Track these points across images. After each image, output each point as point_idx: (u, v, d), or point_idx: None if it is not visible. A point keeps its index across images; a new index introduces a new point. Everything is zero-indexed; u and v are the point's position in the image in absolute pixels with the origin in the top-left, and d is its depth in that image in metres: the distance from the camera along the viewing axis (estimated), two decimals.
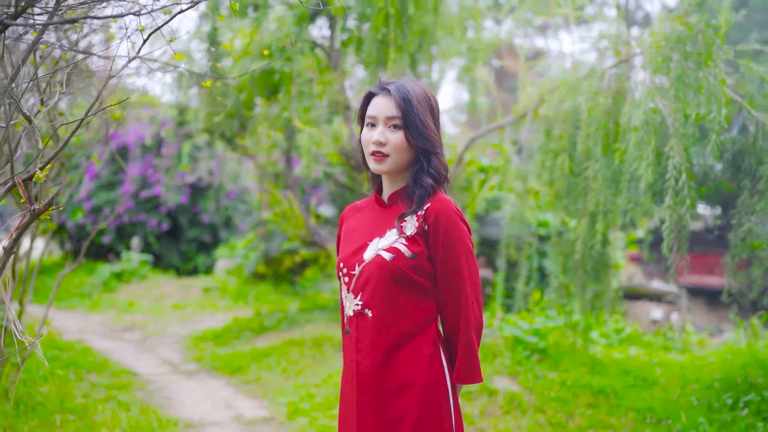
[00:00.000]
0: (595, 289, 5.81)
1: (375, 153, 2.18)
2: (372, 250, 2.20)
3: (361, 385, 2.19)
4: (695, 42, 4.25)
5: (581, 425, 4.57)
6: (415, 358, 2.17)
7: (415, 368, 2.16)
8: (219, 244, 14.93)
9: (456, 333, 2.21)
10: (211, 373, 6.91)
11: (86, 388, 5.72)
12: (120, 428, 4.74)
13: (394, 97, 2.16)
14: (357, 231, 2.32)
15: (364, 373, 2.19)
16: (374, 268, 2.17)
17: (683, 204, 4.20)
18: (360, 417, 2.18)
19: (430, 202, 2.19)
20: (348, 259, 2.27)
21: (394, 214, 2.25)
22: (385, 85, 2.22)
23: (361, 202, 2.45)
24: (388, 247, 2.17)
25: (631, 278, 13.54)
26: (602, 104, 4.97)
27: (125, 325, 9.70)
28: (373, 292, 2.16)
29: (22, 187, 2.10)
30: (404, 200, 2.26)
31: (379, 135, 2.17)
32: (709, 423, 4.53)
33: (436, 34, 6.69)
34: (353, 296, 2.22)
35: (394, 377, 2.16)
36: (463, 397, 5.00)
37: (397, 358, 2.17)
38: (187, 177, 13.68)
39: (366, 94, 2.26)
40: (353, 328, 2.23)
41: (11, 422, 4.38)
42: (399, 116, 2.16)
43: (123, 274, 12.63)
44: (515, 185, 6.48)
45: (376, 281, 2.16)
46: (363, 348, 2.20)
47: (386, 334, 2.16)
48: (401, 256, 2.15)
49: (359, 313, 2.21)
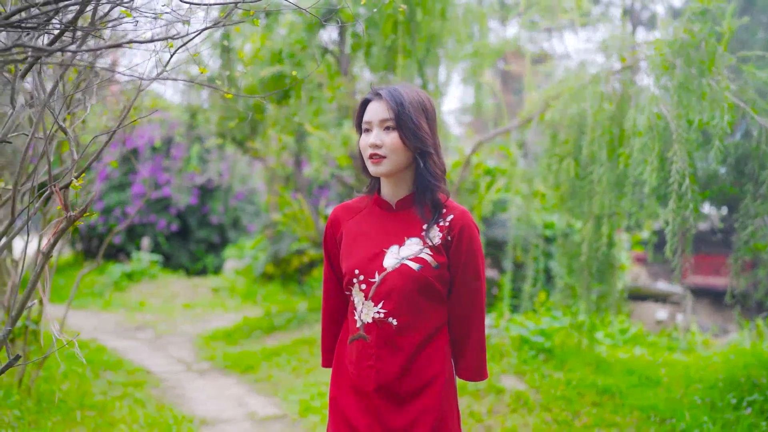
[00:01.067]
0: (600, 290, 5.91)
1: (372, 156, 2.21)
2: (393, 259, 2.21)
3: (382, 391, 2.21)
4: (698, 49, 4.36)
5: (586, 423, 4.68)
6: (434, 359, 2.23)
7: (434, 369, 2.22)
8: (227, 245, 15.10)
9: (469, 334, 2.29)
10: (223, 372, 7.05)
11: (103, 385, 5.87)
12: (138, 424, 4.87)
13: (386, 101, 2.20)
14: (366, 236, 2.30)
15: (386, 380, 2.20)
16: (400, 277, 2.18)
17: (687, 207, 4.30)
18: (381, 420, 2.21)
19: (451, 213, 2.25)
20: (365, 266, 2.24)
21: (407, 221, 2.28)
22: (377, 90, 2.25)
23: (354, 203, 2.43)
24: (414, 257, 2.20)
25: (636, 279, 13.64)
26: (607, 109, 5.08)
27: (137, 324, 9.85)
28: (400, 301, 2.18)
29: (59, 194, 2.23)
30: (415, 206, 2.28)
31: (374, 138, 2.20)
32: (713, 422, 4.62)
33: (443, 39, 6.81)
34: (373, 304, 2.22)
35: (414, 379, 2.21)
36: (471, 396, 5.12)
37: (417, 362, 2.21)
38: (197, 178, 13.84)
39: (361, 102, 2.29)
40: (372, 335, 2.22)
41: (34, 417, 4.52)
42: (392, 118, 2.19)
43: (133, 274, 12.80)
44: (521, 188, 6.59)
45: (403, 291, 2.18)
46: (384, 355, 2.21)
47: (409, 341, 2.20)
48: (428, 266, 2.19)
49: (381, 321, 2.21)
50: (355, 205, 2.41)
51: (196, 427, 5.04)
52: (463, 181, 7.29)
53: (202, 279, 13.77)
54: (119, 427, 4.77)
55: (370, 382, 2.22)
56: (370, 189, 2.38)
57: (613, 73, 5.40)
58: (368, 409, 2.23)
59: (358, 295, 2.26)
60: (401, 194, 2.30)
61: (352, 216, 2.38)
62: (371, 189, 2.38)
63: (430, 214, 2.25)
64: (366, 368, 2.23)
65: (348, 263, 2.28)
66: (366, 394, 2.23)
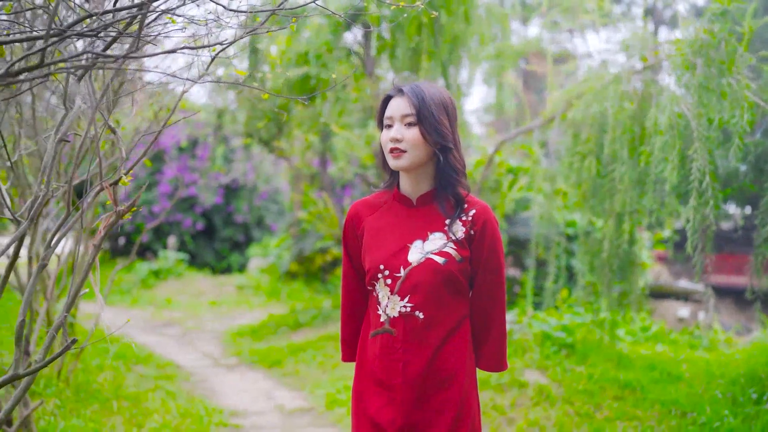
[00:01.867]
0: (622, 288, 5.99)
1: (393, 150, 2.23)
2: (418, 254, 2.26)
3: (409, 384, 2.25)
4: (718, 49, 4.43)
5: (608, 416, 4.77)
6: (457, 352, 2.28)
7: (457, 362, 2.28)
8: (251, 243, 15.32)
9: (491, 326, 2.35)
10: (250, 366, 7.22)
11: (135, 378, 6.06)
12: (170, 415, 5.05)
13: (408, 96, 2.23)
14: (388, 231, 2.33)
15: (414, 372, 2.25)
16: (426, 271, 2.23)
17: (707, 205, 4.38)
18: (406, 413, 2.25)
19: (473, 207, 2.30)
20: (389, 261, 2.27)
21: (428, 216, 2.31)
22: (400, 87, 2.29)
23: (373, 198, 2.45)
24: (439, 251, 2.24)
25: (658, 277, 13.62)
26: (628, 109, 5.16)
27: (165, 321, 10.07)
28: (425, 294, 2.23)
29: (110, 191, 2.38)
30: (436, 202, 2.32)
31: (395, 132, 2.23)
32: (734, 416, 4.68)
33: (466, 41, 6.93)
34: (399, 298, 2.25)
35: (439, 372, 2.25)
36: (494, 389, 5.23)
37: (441, 355, 2.26)
38: (222, 178, 14.07)
39: (384, 98, 2.32)
40: (399, 328, 2.26)
41: (74, 406, 4.71)
42: (413, 113, 2.22)
43: (160, 272, 13.05)
44: (543, 186, 6.67)
45: (429, 285, 2.22)
46: (412, 348, 2.25)
47: (435, 334, 2.25)
48: (452, 260, 2.24)
49: (408, 315, 2.25)
50: (374, 201, 2.43)
51: (226, 419, 5.20)
52: (486, 179, 7.39)
53: (227, 277, 13.99)
54: (153, 417, 4.95)
55: (397, 375, 2.26)
56: (388, 184, 2.40)
57: (635, 72, 5.48)
58: (391, 403, 2.27)
59: (383, 289, 2.29)
60: (421, 190, 2.33)
61: (372, 211, 2.40)
62: (390, 184, 2.40)
63: (451, 209, 2.29)
64: (393, 361, 2.26)
65: (372, 258, 2.31)
66: (390, 388, 2.27)
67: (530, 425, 4.64)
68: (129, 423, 4.71)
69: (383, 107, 2.32)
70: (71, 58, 1.52)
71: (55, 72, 1.50)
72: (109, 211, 2.39)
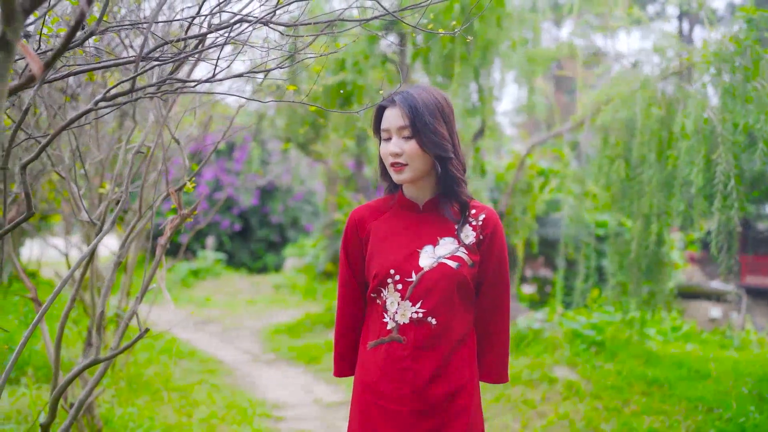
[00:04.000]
0: (650, 287, 6.14)
1: (394, 164, 2.16)
2: (429, 258, 2.18)
3: (418, 393, 2.16)
4: (743, 56, 4.58)
5: (635, 411, 4.94)
6: (466, 361, 2.22)
7: (466, 371, 2.21)
8: (287, 244, 15.67)
9: (493, 335, 2.29)
10: (288, 362, 7.50)
11: (181, 372, 6.38)
12: (216, 406, 5.34)
13: (401, 107, 2.14)
14: (396, 236, 2.25)
15: (424, 380, 2.16)
16: (439, 276, 2.16)
17: (731, 207, 4.53)
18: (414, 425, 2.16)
19: (482, 212, 2.25)
20: (400, 266, 2.18)
21: (436, 221, 2.25)
22: (392, 96, 2.20)
23: (377, 203, 2.36)
24: (451, 255, 2.18)
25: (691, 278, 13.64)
26: (656, 113, 5.32)
27: (205, 319, 10.42)
28: (438, 300, 2.16)
29: (174, 195, 2.65)
30: (442, 208, 2.26)
31: (393, 146, 2.15)
32: (759, 412, 4.81)
33: (498, 45, 7.12)
34: (410, 304, 2.17)
35: (451, 381, 2.18)
36: (525, 384, 5.43)
37: (451, 364, 2.18)
38: (258, 180, 14.43)
39: (377, 109, 2.23)
40: (409, 336, 2.17)
41: (127, 396, 5.03)
42: (407, 125, 2.13)
43: (199, 272, 13.43)
44: (573, 188, 6.84)
45: (442, 290, 2.16)
46: (423, 355, 2.16)
47: (447, 341, 2.17)
48: (465, 264, 2.18)
49: (419, 321, 2.16)
50: (378, 206, 2.35)
51: (268, 411, 5.47)
52: (518, 182, 7.57)
53: (263, 276, 14.35)
54: (201, 407, 5.24)
55: (405, 384, 2.16)
56: (391, 190, 2.33)
57: (662, 77, 5.63)
58: (398, 416, 2.17)
59: (392, 295, 2.19)
60: (426, 196, 2.27)
61: (377, 216, 2.32)
62: (392, 190, 2.33)
63: (458, 215, 2.24)
64: (400, 371, 2.17)
65: (380, 263, 2.22)
66: (396, 400, 2.17)
67: (560, 419, 4.82)
68: (179, 412, 5.01)
69: (378, 118, 2.23)
70: (158, 83, 1.77)
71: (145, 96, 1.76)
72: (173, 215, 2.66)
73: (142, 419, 4.54)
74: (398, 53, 7.05)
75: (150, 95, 1.72)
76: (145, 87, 1.77)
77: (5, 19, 1.13)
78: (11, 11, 1.12)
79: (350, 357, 2.37)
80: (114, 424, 4.28)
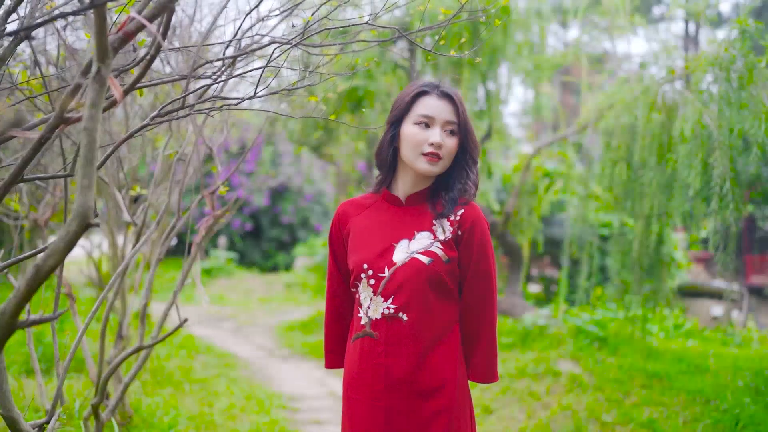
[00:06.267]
0: (652, 286, 6.37)
1: (431, 154, 2.11)
2: (403, 253, 2.14)
3: (392, 390, 2.12)
4: (738, 64, 4.82)
5: (636, 402, 5.17)
6: (447, 359, 2.16)
7: (446, 370, 2.15)
8: (297, 243, 15.95)
9: (480, 334, 2.21)
10: (302, 357, 7.77)
11: (200, 366, 6.65)
12: (236, 397, 5.60)
13: (457, 104, 2.15)
14: (374, 230, 2.22)
15: (397, 378, 2.11)
16: (411, 271, 2.11)
17: (727, 208, 4.77)
18: (390, 421, 2.13)
19: (462, 207, 2.18)
20: (374, 261, 2.15)
21: (417, 216, 2.20)
22: (443, 89, 2.17)
23: (361, 199, 2.33)
24: (425, 250, 2.13)
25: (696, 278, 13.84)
26: (656, 118, 5.56)
27: (219, 316, 10.71)
28: (410, 295, 2.11)
29: (208, 198, 2.91)
30: (428, 201, 2.22)
31: (439, 137, 2.10)
32: (755, 403, 5.04)
33: (505, 51, 7.37)
34: (382, 299, 2.13)
35: (427, 379, 2.12)
36: (531, 377, 5.68)
37: (430, 361, 2.13)
38: (270, 181, 14.71)
39: (416, 92, 2.17)
40: (381, 331, 2.13)
41: (152, 388, 5.31)
42: (456, 122, 2.13)
43: (212, 270, 13.72)
44: (578, 189, 7.08)
45: (414, 285, 2.11)
46: (395, 352, 2.12)
47: (422, 338, 2.12)
48: (439, 260, 2.12)
49: (391, 317, 2.12)
50: (362, 201, 2.32)
51: (285, 402, 5.73)
52: (524, 183, 7.82)
53: (274, 275, 14.64)
54: (221, 399, 5.51)
55: (379, 380, 2.14)
56: (378, 185, 2.29)
57: (662, 84, 5.87)
58: (374, 410, 2.14)
59: (366, 290, 2.17)
60: (415, 190, 2.23)
61: (359, 211, 2.29)
62: (379, 185, 2.29)
63: (440, 208, 2.19)
64: (375, 366, 2.14)
65: (355, 258, 2.19)
66: (372, 395, 2.15)
67: (563, 410, 5.06)
68: (201, 403, 5.28)
69: (412, 101, 2.17)
70: (206, 100, 2.03)
71: (194, 112, 2.01)
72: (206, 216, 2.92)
73: (168, 408, 4.81)
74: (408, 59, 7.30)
75: (199, 111, 1.97)
76: (195, 104, 2.02)
77: (100, 57, 1.39)
78: (104, 51, 1.38)
79: (337, 349, 2.37)
80: (142, 413, 4.55)
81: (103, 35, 1.36)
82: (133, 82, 1.55)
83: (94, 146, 1.37)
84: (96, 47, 1.38)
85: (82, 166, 1.35)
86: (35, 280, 1.35)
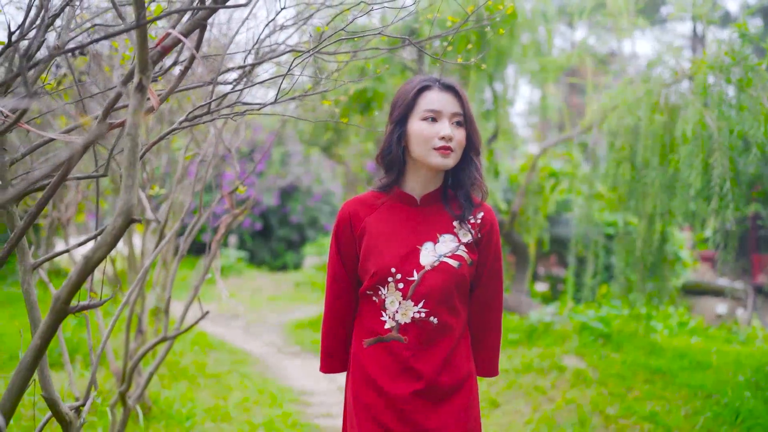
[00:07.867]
0: (655, 284, 6.50)
1: (443, 148, 2.10)
2: (431, 257, 2.14)
3: (419, 393, 2.13)
4: (738, 67, 4.94)
5: (638, 397, 5.30)
6: (464, 357, 2.21)
7: (465, 367, 2.20)
8: (306, 243, 16.12)
9: (487, 331, 2.29)
10: (312, 354, 7.92)
11: (213, 361, 6.82)
12: (248, 391, 5.77)
13: (461, 95, 2.16)
14: (394, 233, 2.19)
15: (425, 380, 2.12)
16: (441, 275, 2.12)
17: (728, 208, 4.90)
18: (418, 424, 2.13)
19: (481, 210, 2.22)
20: (400, 264, 2.13)
21: (435, 217, 2.21)
22: (446, 82, 2.17)
23: (367, 197, 2.27)
24: (452, 254, 2.15)
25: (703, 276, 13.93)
26: (659, 120, 5.70)
27: (230, 314, 10.88)
28: (440, 299, 2.12)
29: (227, 197, 3.07)
30: (442, 202, 2.23)
31: (448, 130, 2.10)
32: (755, 398, 5.16)
33: (511, 53, 7.51)
34: (412, 303, 2.12)
35: (449, 379, 2.15)
36: (537, 372, 5.82)
37: (452, 361, 2.17)
38: (279, 181, 14.89)
39: (418, 88, 2.16)
40: (410, 335, 2.13)
41: (168, 381, 5.47)
42: (461, 113, 2.14)
43: (222, 269, 13.89)
44: (583, 189, 7.21)
45: (444, 289, 2.12)
46: (424, 356, 2.13)
47: (448, 339, 2.15)
48: (464, 263, 2.15)
49: (421, 321, 2.12)
50: (369, 200, 2.26)
51: (296, 396, 5.89)
52: (530, 183, 7.96)
53: (283, 274, 14.81)
54: (234, 393, 5.67)
55: (408, 383, 2.13)
56: (385, 185, 2.24)
57: (669, 85, 5.99)
58: (403, 414, 2.13)
59: (393, 294, 2.14)
60: (427, 189, 2.22)
61: (371, 211, 2.23)
62: (387, 185, 2.24)
63: (458, 210, 2.21)
64: (403, 370, 2.13)
65: (380, 261, 2.15)
66: (399, 399, 2.13)
67: (567, 403, 5.20)
68: (215, 396, 5.45)
69: (415, 97, 2.16)
70: (230, 105, 2.18)
71: (220, 117, 2.16)
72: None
73: (184, 401, 4.98)
74: (417, 61, 7.45)
75: (224, 116, 2.13)
76: (220, 108, 2.18)
77: (141, 68, 1.54)
78: (145, 63, 1.53)
79: (339, 354, 2.32)
80: (161, 404, 4.72)
81: (144, 50, 1.51)
82: (169, 90, 1.70)
83: (136, 150, 1.52)
84: (138, 60, 1.54)
85: (125, 168, 1.51)
86: (85, 270, 1.51)
